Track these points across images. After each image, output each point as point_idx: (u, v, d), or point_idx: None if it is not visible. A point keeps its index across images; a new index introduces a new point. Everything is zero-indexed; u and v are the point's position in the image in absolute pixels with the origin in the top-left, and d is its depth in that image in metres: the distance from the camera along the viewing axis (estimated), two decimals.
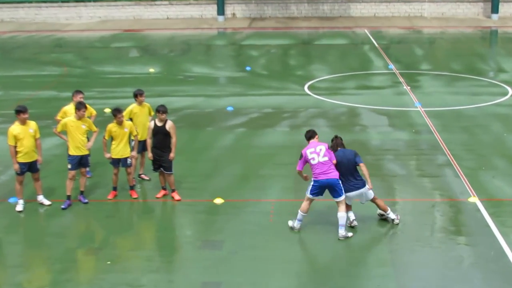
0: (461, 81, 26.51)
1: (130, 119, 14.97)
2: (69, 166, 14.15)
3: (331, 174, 12.46)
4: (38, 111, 20.37)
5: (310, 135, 12.96)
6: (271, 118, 21.17)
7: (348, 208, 12.84)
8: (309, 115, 21.41)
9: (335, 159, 12.64)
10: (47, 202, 14.32)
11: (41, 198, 14.34)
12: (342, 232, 12.49)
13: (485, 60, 31.75)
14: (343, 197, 12.54)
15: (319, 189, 12.53)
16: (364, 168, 12.79)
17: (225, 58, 33.43)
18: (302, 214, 12.78)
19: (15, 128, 13.72)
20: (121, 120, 14.22)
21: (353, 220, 12.92)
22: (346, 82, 26.40)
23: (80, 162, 14.19)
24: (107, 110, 20.79)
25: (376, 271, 11.46)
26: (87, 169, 14.85)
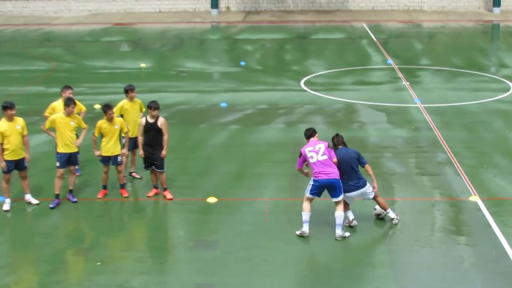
0: (461, 76, 26.53)
1: (121, 115, 14.95)
2: (57, 164, 14.11)
3: (331, 173, 12.43)
4: (25, 107, 20.32)
5: (310, 133, 12.94)
6: (266, 114, 21.16)
7: (347, 207, 12.83)
8: (305, 111, 21.40)
9: (335, 157, 12.62)
10: (35, 201, 14.28)
11: (28, 197, 14.30)
12: (339, 232, 12.48)
13: (487, 55, 31.80)
14: (341, 197, 12.53)
15: (318, 189, 12.49)
16: (370, 169, 12.83)
17: (219, 53, 33.40)
18: (307, 214, 12.56)
19: (2, 124, 13.67)
20: (111, 116, 14.19)
21: (352, 220, 12.91)
22: (344, 78, 26.40)
23: (69, 160, 14.16)
24: (97, 106, 20.73)
25: (374, 272, 11.47)
26: (76, 167, 14.82)
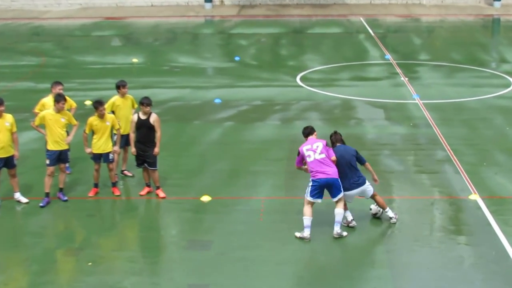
0: (461, 72, 26.58)
1: (112, 112, 14.93)
2: (47, 162, 14.09)
3: (330, 173, 12.41)
4: (14, 103, 20.28)
5: (308, 131, 12.93)
6: (261, 111, 21.16)
7: (345, 207, 12.83)
8: (301, 107, 21.41)
9: (334, 155, 12.63)
10: (24, 200, 14.26)
11: (18, 195, 14.28)
12: (337, 229, 12.47)
13: (487, 50, 31.86)
14: (341, 195, 12.53)
15: (318, 189, 12.44)
16: (369, 166, 13.02)
17: (213, 48, 33.38)
18: (308, 219, 12.48)
19: None
20: (102, 113, 14.17)
21: (351, 221, 12.91)
22: (341, 73, 26.42)
23: (59, 158, 14.14)
24: (88, 103, 20.72)
25: (372, 272, 11.48)
26: (67, 165, 14.79)
